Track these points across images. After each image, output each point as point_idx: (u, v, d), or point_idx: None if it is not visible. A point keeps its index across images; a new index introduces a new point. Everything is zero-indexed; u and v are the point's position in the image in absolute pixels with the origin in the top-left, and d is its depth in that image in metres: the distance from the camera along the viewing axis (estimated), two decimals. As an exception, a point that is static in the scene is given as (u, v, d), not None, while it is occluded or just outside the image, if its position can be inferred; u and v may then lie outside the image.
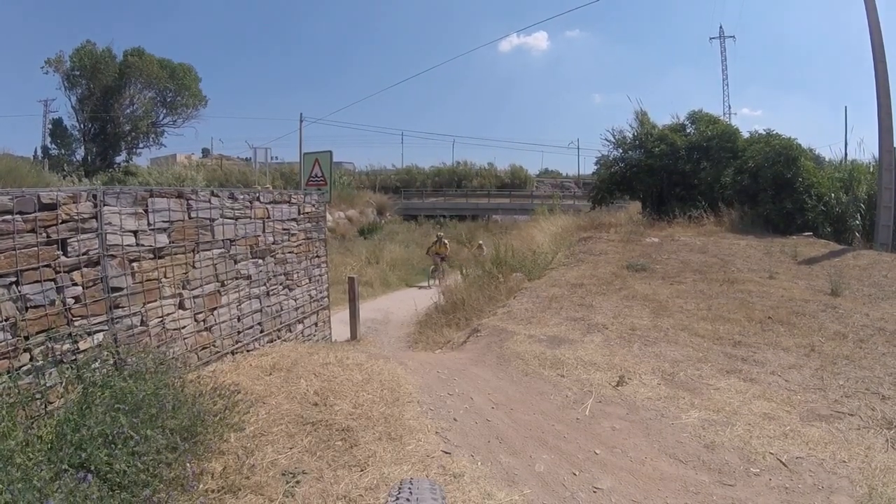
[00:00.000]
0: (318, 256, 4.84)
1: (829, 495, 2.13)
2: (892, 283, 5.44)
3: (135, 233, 2.66)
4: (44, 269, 2.14)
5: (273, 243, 4.01)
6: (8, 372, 1.92)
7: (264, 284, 3.87)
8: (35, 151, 29.28)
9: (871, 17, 8.08)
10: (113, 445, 1.63)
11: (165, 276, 2.86)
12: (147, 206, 2.74)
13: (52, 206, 2.20)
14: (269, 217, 3.95)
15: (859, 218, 8.40)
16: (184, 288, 3.01)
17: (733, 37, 41.37)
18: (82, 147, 29.72)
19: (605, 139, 11.86)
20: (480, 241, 14.13)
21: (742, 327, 4.26)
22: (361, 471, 1.93)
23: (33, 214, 2.12)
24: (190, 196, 3.09)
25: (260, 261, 3.82)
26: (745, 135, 10.60)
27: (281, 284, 4.14)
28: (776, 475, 2.27)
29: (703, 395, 3.08)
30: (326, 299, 5.08)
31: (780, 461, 2.37)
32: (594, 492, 2.12)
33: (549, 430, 2.64)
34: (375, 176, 32.88)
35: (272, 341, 3.93)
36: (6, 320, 1.98)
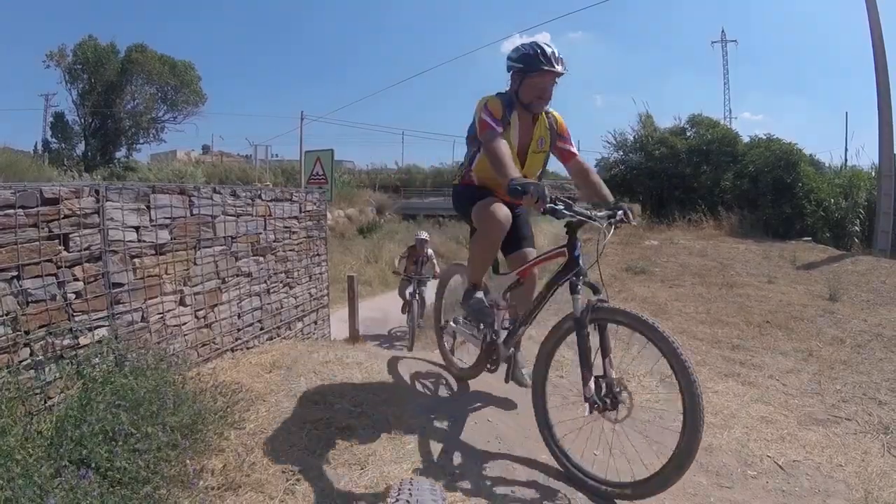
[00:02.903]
0: (318, 255, 4.83)
1: (825, 499, 2.14)
2: (890, 289, 5.46)
3: (137, 229, 2.65)
4: (45, 263, 2.14)
5: (274, 241, 4.01)
6: (8, 367, 1.92)
7: (265, 282, 3.87)
8: (35, 145, 29.27)
9: (874, 27, 8.10)
10: (113, 442, 1.63)
11: (167, 273, 2.86)
12: (149, 202, 2.74)
13: (54, 201, 2.20)
14: (270, 215, 3.95)
15: (858, 224, 8.43)
16: (185, 284, 3.01)
17: (735, 41, 41.25)
18: (83, 142, 29.66)
19: (606, 141, 11.88)
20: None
21: (740, 331, 4.28)
22: (361, 469, 1.93)
23: (36, 209, 2.11)
24: (192, 193, 3.09)
25: (261, 258, 3.82)
26: (746, 139, 10.64)
27: (281, 282, 4.14)
28: (773, 478, 2.28)
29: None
30: (326, 297, 5.08)
31: (778, 464, 2.38)
32: (592, 493, 2.12)
33: (547, 432, 2.64)
34: (376, 175, 32.83)
35: (272, 339, 3.93)
36: (7, 315, 1.98)
